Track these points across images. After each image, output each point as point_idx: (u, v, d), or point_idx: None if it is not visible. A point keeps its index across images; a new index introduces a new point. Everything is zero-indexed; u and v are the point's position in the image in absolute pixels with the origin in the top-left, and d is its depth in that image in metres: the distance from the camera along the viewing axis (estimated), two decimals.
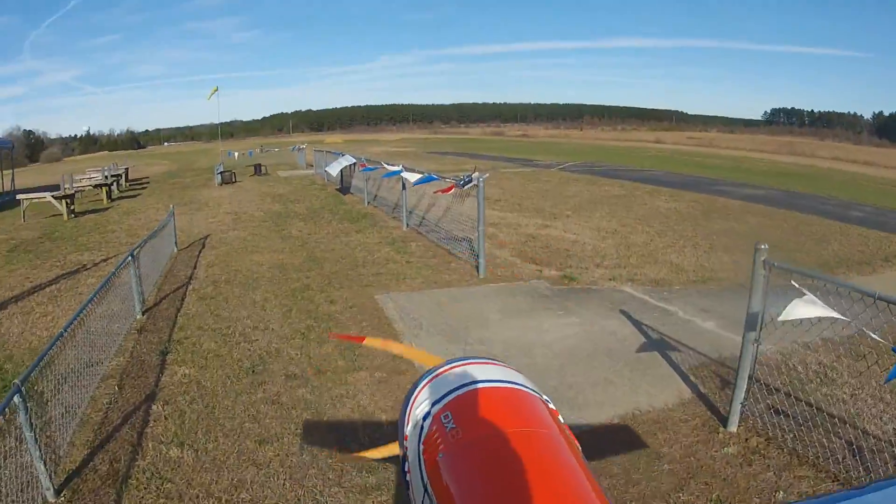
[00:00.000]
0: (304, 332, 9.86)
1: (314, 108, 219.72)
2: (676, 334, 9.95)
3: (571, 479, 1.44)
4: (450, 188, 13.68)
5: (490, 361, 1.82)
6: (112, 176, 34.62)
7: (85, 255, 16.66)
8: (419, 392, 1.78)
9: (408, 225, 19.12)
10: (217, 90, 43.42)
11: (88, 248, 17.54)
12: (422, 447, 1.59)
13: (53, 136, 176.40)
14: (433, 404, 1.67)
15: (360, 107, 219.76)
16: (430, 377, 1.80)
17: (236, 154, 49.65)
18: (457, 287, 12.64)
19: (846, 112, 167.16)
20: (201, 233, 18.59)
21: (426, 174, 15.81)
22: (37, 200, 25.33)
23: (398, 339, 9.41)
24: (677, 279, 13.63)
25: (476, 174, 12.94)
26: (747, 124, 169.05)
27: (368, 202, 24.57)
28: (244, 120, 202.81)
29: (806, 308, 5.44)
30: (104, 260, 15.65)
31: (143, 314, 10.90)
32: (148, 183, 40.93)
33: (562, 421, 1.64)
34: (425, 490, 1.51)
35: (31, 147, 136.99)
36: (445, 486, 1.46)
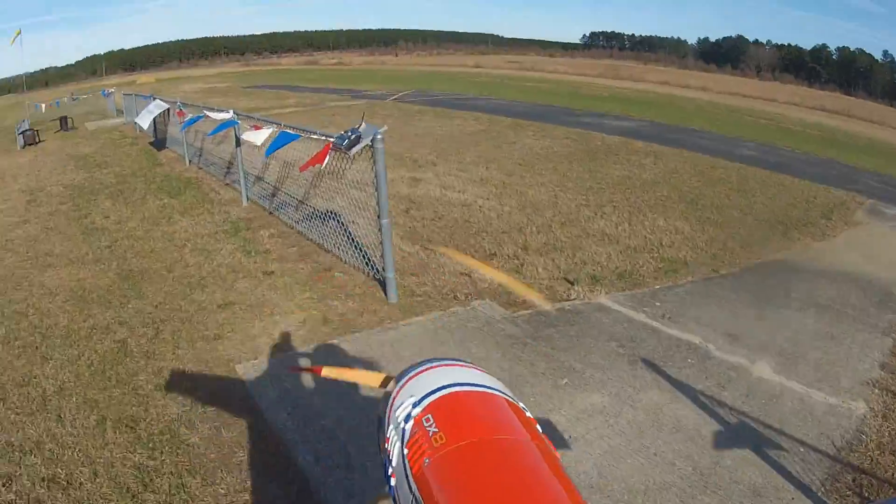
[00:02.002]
0: (136, 493, 4.86)
1: (126, 48, 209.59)
2: (746, 404, 6.18)
3: (554, 490, 1.44)
4: (323, 154, 8.17)
5: (463, 364, 1.80)
6: None
7: None
8: (397, 393, 1.75)
9: (248, 198, 13.72)
10: (20, 33, 37.02)
11: None
12: (406, 451, 1.57)
13: None
14: (413, 406, 1.64)
15: (172, 42, 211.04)
16: (406, 378, 1.77)
17: (43, 106, 41.77)
18: (365, 331, 7.64)
19: (669, 37, 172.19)
20: None
21: (278, 129, 10.21)
22: None
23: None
24: (643, 268, 10.01)
25: (364, 126, 7.84)
26: (565, 48, 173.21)
27: (191, 160, 18.74)
28: (59, 66, 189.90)
29: None
30: None
31: None
32: None
33: (539, 430, 1.61)
34: (413, 497, 1.50)
35: None
36: (434, 495, 1.46)
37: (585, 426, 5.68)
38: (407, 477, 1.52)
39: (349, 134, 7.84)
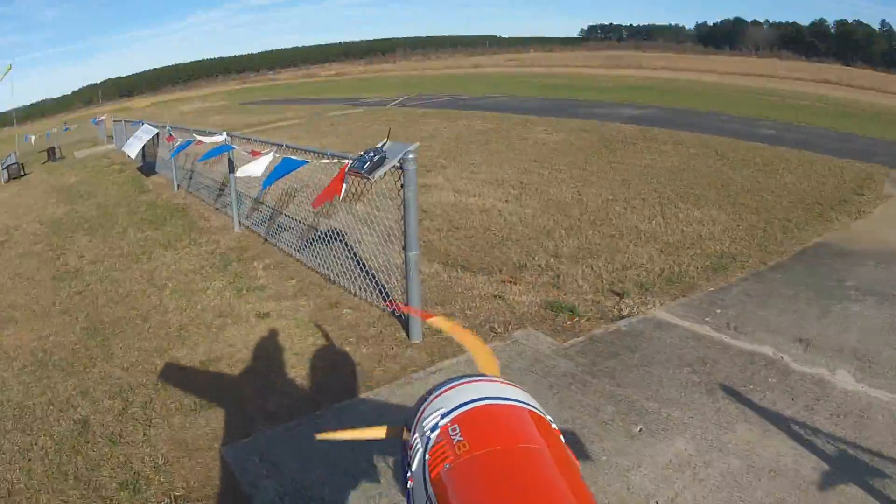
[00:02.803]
0: None
1: (123, 75, 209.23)
2: (839, 427, 5.29)
3: (567, 497, 1.41)
4: (338, 181, 6.71)
5: (500, 380, 1.74)
6: None
7: None
8: (429, 404, 1.71)
9: (241, 223, 12.31)
10: (11, 69, 36.42)
11: None
12: (428, 457, 1.54)
13: None
14: (443, 416, 1.61)
15: (168, 67, 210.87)
16: (440, 391, 1.73)
17: (33, 138, 41.80)
18: (385, 386, 6.13)
19: (667, 24, 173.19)
20: None
21: (277, 155, 8.78)
22: None
23: None
24: (690, 268, 9.07)
25: (388, 144, 6.37)
26: (564, 43, 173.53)
27: (179, 184, 17.40)
28: (55, 97, 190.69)
29: None
30: None
31: None
32: None
33: (562, 441, 1.57)
34: (428, 499, 1.48)
35: None
36: (448, 498, 1.44)
37: (673, 487, 4.53)
38: (425, 481, 1.48)
39: (371, 155, 6.39)
